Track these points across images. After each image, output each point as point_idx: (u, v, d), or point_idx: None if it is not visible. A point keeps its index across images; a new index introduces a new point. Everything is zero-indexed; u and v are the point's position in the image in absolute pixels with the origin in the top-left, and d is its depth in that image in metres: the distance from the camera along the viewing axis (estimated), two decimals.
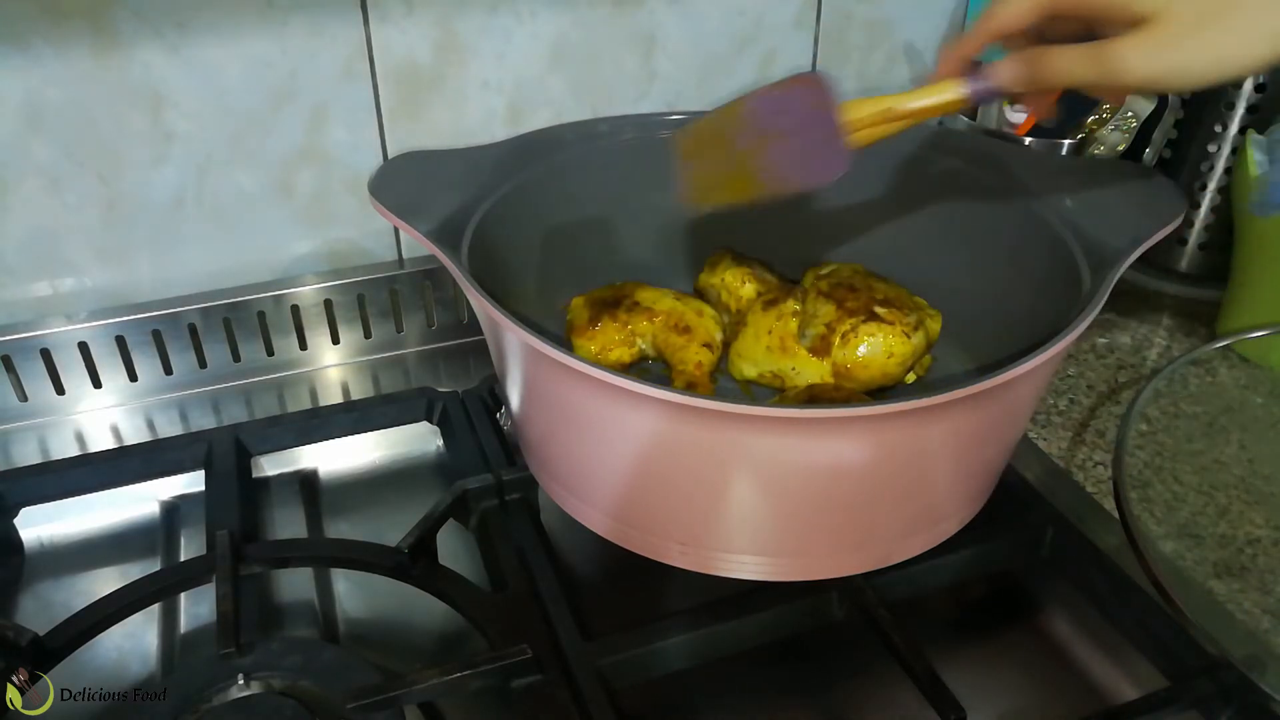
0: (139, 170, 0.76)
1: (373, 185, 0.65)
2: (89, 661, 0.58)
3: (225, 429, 0.73)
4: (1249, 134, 0.79)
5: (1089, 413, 0.77)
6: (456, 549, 0.65)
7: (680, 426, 0.50)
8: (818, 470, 0.52)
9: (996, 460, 0.60)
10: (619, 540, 0.59)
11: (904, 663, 0.54)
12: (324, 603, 0.64)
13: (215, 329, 0.79)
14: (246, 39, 0.73)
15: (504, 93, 0.82)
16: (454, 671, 0.53)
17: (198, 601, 0.62)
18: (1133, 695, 0.56)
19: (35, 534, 0.69)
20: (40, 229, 0.76)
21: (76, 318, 0.76)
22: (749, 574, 0.57)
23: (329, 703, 0.52)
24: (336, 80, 0.77)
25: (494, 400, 0.75)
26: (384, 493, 0.73)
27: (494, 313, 0.52)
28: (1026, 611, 0.64)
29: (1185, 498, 0.68)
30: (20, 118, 0.71)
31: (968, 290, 0.70)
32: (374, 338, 0.85)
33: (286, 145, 0.78)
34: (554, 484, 0.62)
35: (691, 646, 0.57)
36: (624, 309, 0.72)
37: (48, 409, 0.78)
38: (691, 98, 0.87)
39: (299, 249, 0.83)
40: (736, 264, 0.75)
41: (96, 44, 0.70)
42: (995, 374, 0.49)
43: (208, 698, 0.53)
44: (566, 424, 0.57)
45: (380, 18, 0.76)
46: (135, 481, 0.70)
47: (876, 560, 0.57)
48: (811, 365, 0.68)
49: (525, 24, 0.80)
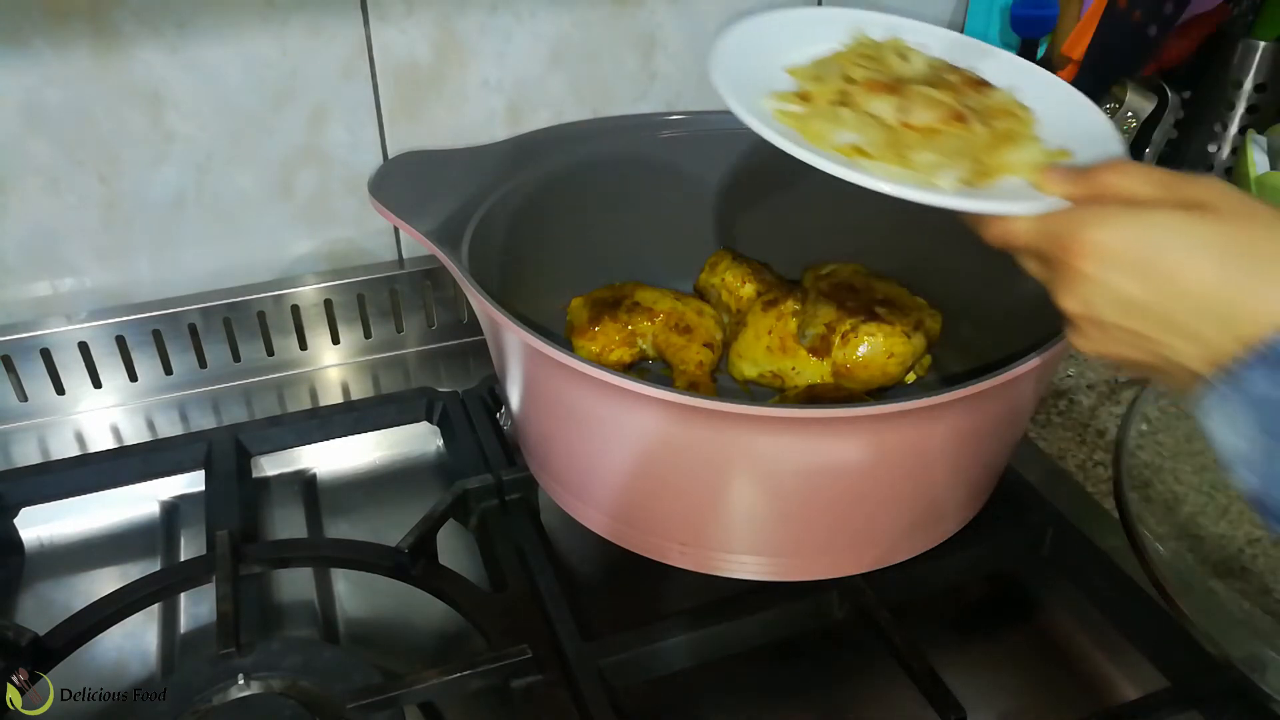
0: (139, 170, 0.76)
1: (373, 185, 0.65)
2: (89, 661, 0.58)
3: (225, 429, 0.73)
4: (1249, 134, 0.79)
5: (1089, 413, 0.77)
6: (456, 549, 0.65)
7: (680, 426, 0.50)
8: (818, 470, 0.52)
9: (996, 460, 0.60)
10: (619, 540, 0.59)
11: (904, 663, 0.54)
12: (324, 603, 0.64)
13: (215, 329, 0.79)
14: (246, 39, 0.73)
15: (504, 93, 0.82)
16: (454, 671, 0.53)
17: (198, 601, 0.62)
18: (1133, 695, 0.57)
19: (35, 534, 0.69)
20: (40, 229, 0.76)
21: (76, 318, 0.76)
22: (749, 574, 0.57)
23: (329, 703, 0.52)
24: (336, 80, 0.77)
25: (494, 400, 0.75)
26: (384, 493, 0.73)
27: (494, 313, 0.52)
28: (1026, 612, 0.64)
29: (1185, 498, 0.68)
30: (20, 117, 0.71)
31: (968, 290, 0.70)
32: (374, 338, 0.85)
33: (286, 145, 0.78)
34: (554, 484, 0.62)
35: (691, 646, 0.57)
36: (624, 309, 0.72)
37: (48, 409, 0.78)
38: (691, 98, 0.87)
39: (299, 249, 0.83)
40: (736, 264, 0.75)
41: (96, 44, 0.70)
42: (995, 374, 0.49)
43: (208, 698, 0.53)
44: (567, 424, 0.57)
45: (380, 18, 0.76)
46: (135, 481, 0.70)
47: (876, 560, 0.57)
48: (811, 365, 0.68)
49: (525, 24, 0.80)
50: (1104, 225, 0.40)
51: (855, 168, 0.45)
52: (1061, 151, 0.47)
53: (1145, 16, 0.80)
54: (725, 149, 0.77)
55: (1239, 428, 0.37)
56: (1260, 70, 0.85)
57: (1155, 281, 0.39)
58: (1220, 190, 0.40)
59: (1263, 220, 0.39)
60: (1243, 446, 0.37)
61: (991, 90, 0.50)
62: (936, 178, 0.45)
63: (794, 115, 0.48)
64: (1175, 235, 0.39)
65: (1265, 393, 0.36)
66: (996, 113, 0.49)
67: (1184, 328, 0.39)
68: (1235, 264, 0.38)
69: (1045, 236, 0.43)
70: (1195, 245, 0.39)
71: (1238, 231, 0.39)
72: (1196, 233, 0.39)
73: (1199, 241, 0.39)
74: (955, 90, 0.49)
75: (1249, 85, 0.85)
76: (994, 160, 0.46)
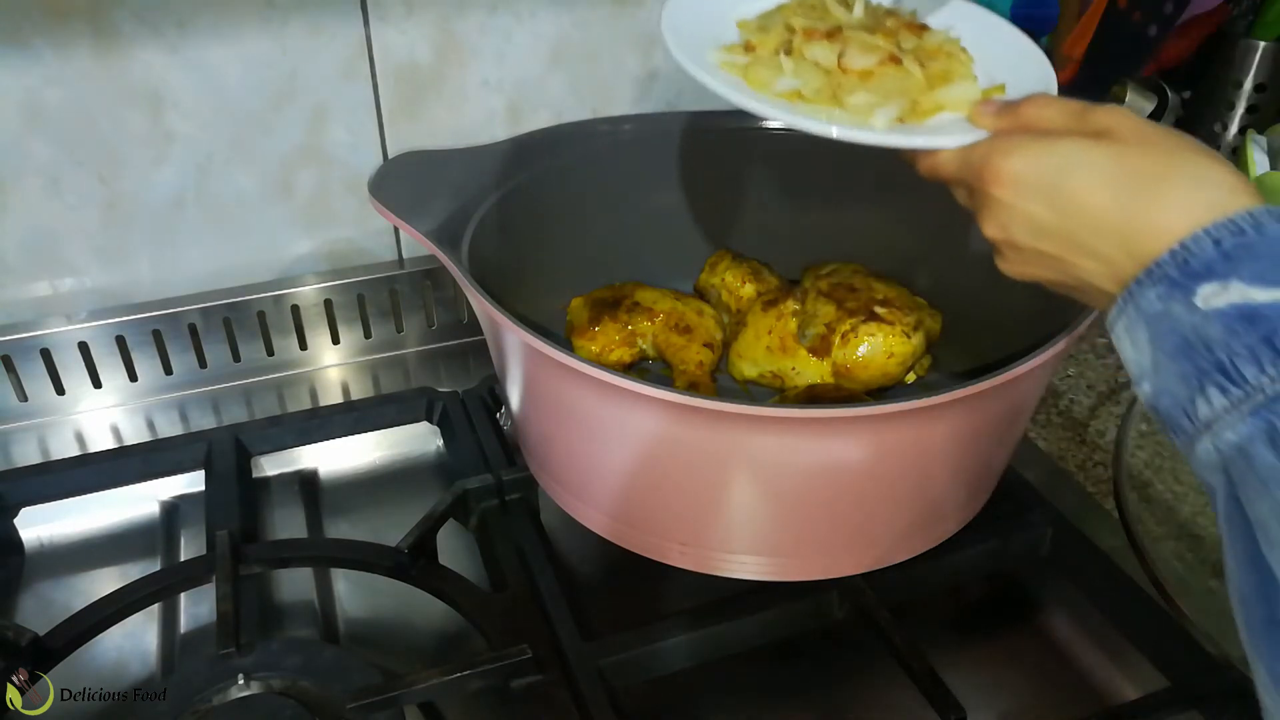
0: (139, 170, 0.76)
1: (373, 185, 0.65)
2: (89, 661, 0.58)
3: (225, 429, 0.73)
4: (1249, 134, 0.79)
5: (1089, 413, 0.77)
6: (456, 549, 0.65)
7: (681, 427, 0.50)
8: (818, 470, 0.52)
9: (996, 460, 0.60)
10: (619, 540, 0.59)
11: (904, 663, 0.54)
12: (324, 603, 0.64)
13: (215, 329, 0.79)
14: (246, 39, 0.73)
15: (504, 93, 0.82)
16: (454, 671, 0.53)
17: (198, 601, 0.62)
18: (1133, 695, 0.57)
19: (35, 534, 0.69)
20: (40, 229, 0.76)
21: (76, 318, 0.76)
22: (749, 574, 0.57)
23: (329, 703, 0.52)
24: (336, 80, 0.77)
25: (494, 400, 0.75)
26: (384, 493, 0.73)
27: (494, 313, 0.52)
28: (1026, 612, 0.64)
29: (1185, 498, 0.68)
30: (20, 117, 0.71)
31: (968, 290, 0.70)
32: (374, 338, 0.85)
33: (286, 145, 0.78)
34: (554, 484, 0.62)
35: (691, 646, 0.57)
36: (624, 309, 0.72)
37: (48, 409, 0.78)
38: (692, 98, 0.86)
39: (299, 249, 0.83)
40: (736, 264, 0.75)
41: (96, 44, 0.70)
42: (995, 374, 0.49)
43: (208, 698, 0.53)
44: (567, 424, 0.57)
45: (380, 18, 0.76)
46: (135, 481, 0.70)
47: (877, 560, 0.57)
48: (811, 365, 0.68)
49: (525, 24, 0.80)
50: (1013, 154, 0.43)
51: (792, 111, 0.47)
52: (997, 87, 0.49)
53: (1145, 16, 0.80)
54: (725, 149, 0.77)
55: (1137, 342, 0.40)
56: (1260, 70, 0.85)
57: (1061, 205, 0.42)
58: (1123, 118, 0.42)
59: (1160, 145, 0.41)
60: (1142, 360, 0.40)
61: (930, 33, 0.52)
62: (872, 118, 0.47)
63: (738, 66, 0.50)
64: (1077, 161, 0.42)
65: (1156, 308, 0.39)
66: (934, 53, 0.51)
67: (1089, 249, 0.42)
68: (1129, 187, 0.40)
69: (966, 167, 0.46)
70: (1095, 170, 0.41)
71: (1135, 156, 0.41)
72: (1097, 159, 0.41)
73: (1098, 167, 0.41)
74: (892, 34, 0.51)
75: (1249, 85, 0.85)
76: (929, 100, 0.48)
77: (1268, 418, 0.35)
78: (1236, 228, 0.37)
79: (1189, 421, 0.38)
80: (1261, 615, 0.35)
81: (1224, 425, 0.36)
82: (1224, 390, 0.36)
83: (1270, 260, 0.37)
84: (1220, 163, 0.40)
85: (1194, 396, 0.37)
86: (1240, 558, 0.36)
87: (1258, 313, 0.36)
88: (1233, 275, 0.37)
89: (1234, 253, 0.37)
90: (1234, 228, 0.37)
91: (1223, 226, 0.38)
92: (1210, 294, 0.37)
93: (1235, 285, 0.36)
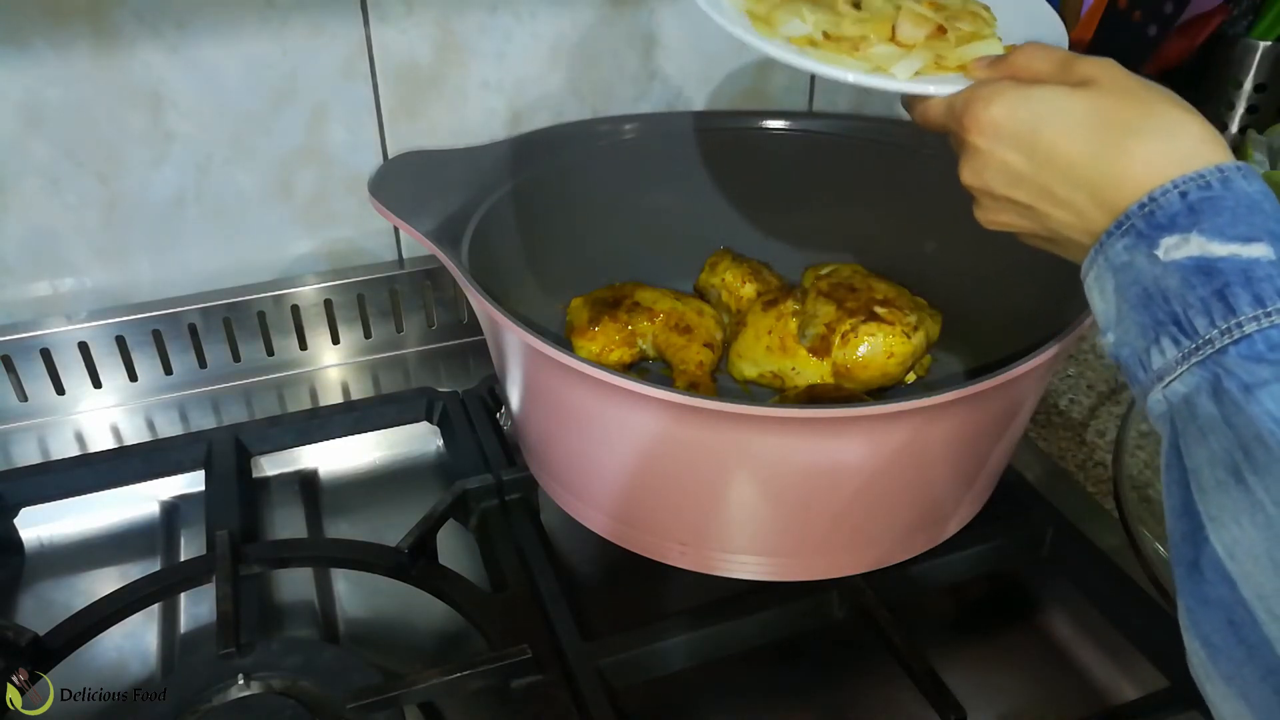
0: (139, 170, 0.76)
1: (373, 185, 0.65)
2: (89, 661, 0.58)
3: (225, 429, 0.73)
4: (1249, 134, 0.79)
5: (1089, 413, 0.77)
6: (456, 549, 0.65)
7: (681, 426, 0.50)
8: (818, 470, 0.52)
9: (997, 460, 0.60)
10: (619, 540, 0.59)
11: (904, 663, 0.54)
12: (324, 603, 0.64)
13: (215, 329, 0.79)
14: (246, 39, 0.73)
15: (504, 93, 0.82)
16: (454, 671, 0.53)
17: (198, 601, 0.62)
18: (1133, 695, 0.57)
19: (35, 534, 0.69)
20: (40, 229, 0.75)
21: (76, 318, 0.76)
22: (749, 574, 0.57)
23: (329, 703, 0.52)
24: (336, 80, 0.77)
25: (494, 400, 0.75)
26: (384, 493, 0.73)
27: (494, 313, 0.52)
28: (1026, 611, 0.64)
29: None
30: (20, 117, 0.71)
31: (968, 290, 0.70)
32: (374, 338, 0.85)
33: (286, 145, 0.78)
34: (554, 484, 0.62)
35: (691, 646, 0.57)
36: (624, 309, 0.72)
37: (48, 409, 0.78)
38: (691, 98, 0.87)
39: (299, 249, 0.83)
40: (736, 264, 0.75)
41: (96, 44, 0.70)
42: (995, 374, 0.49)
43: (208, 698, 0.53)
44: (567, 424, 0.57)
45: (380, 18, 0.76)
46: (135, 481, 0.70)
47: (877, 560, 0.57)
48: (811, 365, 0.68)
49: (525, 24, 0.80)
50: (991, 101, 0.43)
51: (802, 54, 0.48)
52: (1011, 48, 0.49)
53: (1145, 16, 0.80)
54: (725, 148, 0.77)
55: (1105, 292, 0.40)
56: (1260, 70, 0.85)
57: (1036, 154, 0.42)
58: (1107, 67, 0.42)
59: (1138, 96, 0.41)
60: (1108, 310, 0.40)
61: None
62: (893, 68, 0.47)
63: (757, 14, 0.50)
64: (1055, 110, 0.41)
65: (1122, 259, 0.39)
66: (959, 14, 0.51)
67: (1062, 199, 0.42)
68: (1103, 137, 0.40)
69: (949, 115, 0.46)
70: (1071, 119, 0.41)
71: (1112, 106, 0.41)
72: (1074, 108, 0.41)
73: (1075, 116, 0.41)
74: None
75: (1249, 85, 0.85)
76: (953, 56, 0.48)
77: (1214, 370, 0.35)
78: (1204, 182, 0.38)
79: (1143, 372, 0.38)
80: (1187, 558, 0.36)
81: (1174, 376, 0.37)
82: (1176, 341, 0.37)
83: (1231, 215, 0.37)
84: (1196, 117, 0.40)
85: (1149, 347, 0.38)
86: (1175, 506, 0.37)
87: (1214, 266, 0.36)
88: (1194, 228, 0.37)
89: (1198, 206, 0.37)
90: (1201, 181, 0.38)
91: (1190, 180, 0.38)
92: (1171, 246, 0.37)
93: (1195, 238, 0.37)
